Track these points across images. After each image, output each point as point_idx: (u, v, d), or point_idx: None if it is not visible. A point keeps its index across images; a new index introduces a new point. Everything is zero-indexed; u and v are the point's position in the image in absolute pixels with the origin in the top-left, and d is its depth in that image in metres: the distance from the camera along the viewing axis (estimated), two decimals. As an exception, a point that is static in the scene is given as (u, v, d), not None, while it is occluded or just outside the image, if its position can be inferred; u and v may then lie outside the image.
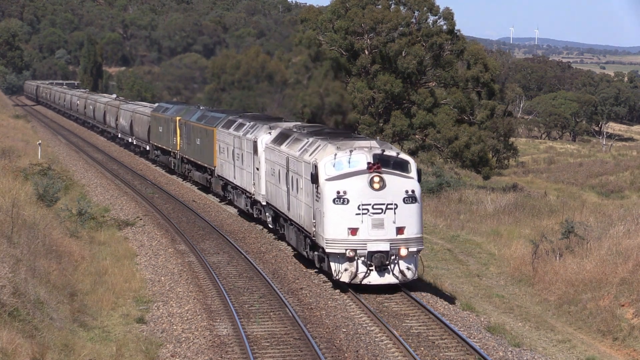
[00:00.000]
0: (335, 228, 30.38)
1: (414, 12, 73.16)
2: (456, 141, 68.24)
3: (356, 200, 30.34)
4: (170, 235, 41.95)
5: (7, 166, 47.44)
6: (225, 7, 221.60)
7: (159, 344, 25.91)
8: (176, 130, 61.29)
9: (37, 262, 28.23)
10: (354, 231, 30.33)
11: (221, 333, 26.94)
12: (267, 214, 40.84)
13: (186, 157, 59.04)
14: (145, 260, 36.68)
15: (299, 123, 42.87)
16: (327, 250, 30.67)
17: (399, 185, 30.62)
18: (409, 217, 30.55)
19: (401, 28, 71.99)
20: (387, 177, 30.51)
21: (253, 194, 42.75)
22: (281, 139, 37.97)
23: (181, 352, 25.32)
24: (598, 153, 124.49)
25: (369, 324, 27.75)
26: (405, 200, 30.50)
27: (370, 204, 30.33)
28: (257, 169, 41.50)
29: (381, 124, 72.80)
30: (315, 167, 31.38)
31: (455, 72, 71.54)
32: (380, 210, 30.33)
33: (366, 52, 73.26)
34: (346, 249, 30.31)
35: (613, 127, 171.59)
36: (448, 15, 71.89)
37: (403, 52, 70.55)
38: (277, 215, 38.80)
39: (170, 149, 63.70)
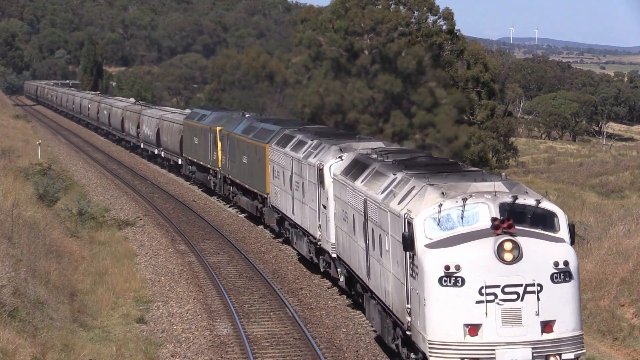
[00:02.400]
0: (443, 324, 19.80)
1: (414, 12, 73.26)
2: (456, 141, 68.30)
3: (476, 279, 19.74)
4: (170, 235, 41.95)
5: (7, 166, 47.45)
6: (225, 7, 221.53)
7: (159, 344, 25.92)
8: (216, 143, 51.27)
9: (37, 262, 28.24)
10: (473, 329, 19.75)
11: (221, 333, 26.95)
12: (338, 269, 30.36)
13: (230, 177, 48.54)
14: (145, 260, 36.69)
15: (380, 144, 31.96)
16: (431, 359, 20.09)
17: (544, 253, 19.94)
18: (562, 305, 19.90)
19: (401, 28, 72.07)
20: (524, 242, 19.82)
21: (318, 240, 32.39)
22: (356, 169, 27.52)
23: (181, 352, 25.32)
24: (598, 153, 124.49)
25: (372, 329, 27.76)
26: (554, 278, 19.91)
27: (498, 286, 19.72)
28: (324, 207, 31.40)
29: (381, 124, 72.87)
30: (409, 224, 20.83)
31: (455, 72, 71.62)
32: (515, 296, 19.75)
33: (366, 52, 73.32)
34: (462, 359, 19.83)
35: (613, 127, 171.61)
36: (448, 15, 71.98)
37: (403, 52, 70.61)
38: (353, 276, 27.99)
39: (208, 166, 53.29)
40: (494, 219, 19.97)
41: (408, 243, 20.63)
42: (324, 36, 74.49)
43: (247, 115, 50.10)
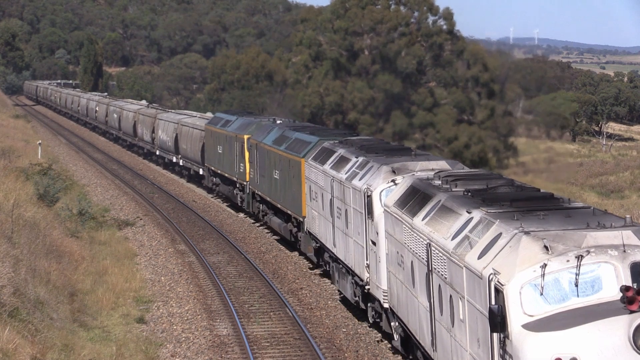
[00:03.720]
0: None
1: (414, 12, 73.33)
2: (456, 141, 68.35)
3: None
4: (170, 235, 41.95)
5: (7, 166, 47.45)
6: (225, 7, 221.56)
7: (159, 344, 25.92)
8: (243, 153, 45.41)
9: (37, 262, 28.24)
10: None
11: (221, 333, 26.96)
12: (391, 323, 24.02)
13: (259, 193, 42.59)
14: (145, 260, 36.70)
15: (443, 163, 25.04)
16: None
17: None
18: None
19: (401, 28, 72.16)
20: None
21: (366, 283, 26.08)
22: (415, 200, 21.35)
23: (181, 352, 25.33)
24: (598, 153, 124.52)
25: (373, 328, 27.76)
26: None
27: None
28: (373, 243, 24.93)
29: (381, 124, 72.89)
30: (498, 292, 15.00)
31: (455, 72, 71.67)
32: None
33: (366, 52, 73.34)
34: None
35: (613, 127, 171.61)
36: (448, 15, 72.05)
37: (403, 52, 70.66)
38: (411, 338, 21.71)
39: (235, 178, 47.43)
40: (626, 288, 13.66)
41: (497, 321, 14.59)
42: (324, 36, 74.57)
43: (278, 122, 44.06)
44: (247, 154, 44.74)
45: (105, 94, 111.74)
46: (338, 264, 29.51)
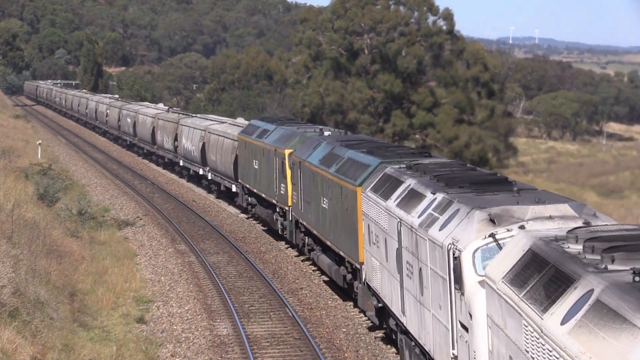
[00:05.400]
0: None
1: (414, 12, 73.35)
2: (456, 141, 68.38)
3: None
4: (170, 235, 41.96)
5: (7, 166, 47.46)
6: (225, 7, 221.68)
7: (159, 344, 25.93)
8: (284, 171, 37.47)
9: (37, 262, 28.25)
10: None
11: (221, 333, 26.96)
12: None
13: (304, 223, 34.62)
14: (145, 260, 36.71)
15: (568, 210, 16.93)
16: None
17: None
18: None
19: (401, 28, 72.19)
20: None
21: None
22: (545, 279, 13.39)
23: (181, 352, 25.33)
24: (598, 153, 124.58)
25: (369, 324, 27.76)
26: None
27: None
28: (464, 327, 17.13)
29: (381, 124, 72.91)
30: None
31: (455, 72, 71.71)
32: None
33: (366, 52, 73.36)
34: None
35: (613, 127, 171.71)
36: (448, 15, 72.06)
37: (402, 52, 70.68)
38: None
39: (274, 201, 39.44)
40: None
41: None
42: (323, 36, 74.58)
43: (326, 134, 36.42)
44: (288, 173, 36.84)
45: (117, 96, 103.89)
46: (408, 337, 21.78)
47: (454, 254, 17.20)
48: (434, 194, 20.27)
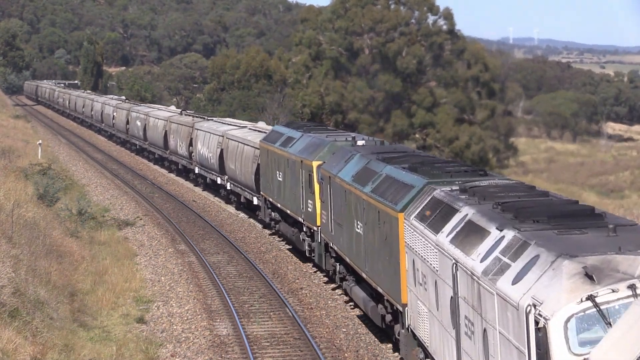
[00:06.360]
0: None
1: (414, 12, 73.39)
2: (456, 141, 68.41)
3: None
4: (170, 235, 41.96)
5: (7, 166, 47.46)
6: (225, 7, 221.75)
7: (159, 344, 25.92)
8: (312, 186, 32.80)
9: (37, 262, 28.24)
10: None
11: (221, 333, 26.96)
12: None
13: (335, 248, 29.93)
14: (145, 260, 36.70)
15: None
16: None
17: None
18: None
19: (401, 28, 72.21)
20: None
21: None
22: None
23: (181, 352, 25.33)
24: (598, 153, 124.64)
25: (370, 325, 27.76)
26: None
27: None
28: None
29: (382, 124, 72.93)
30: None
31: (455, 71, 71.76)
32: None
33: (366, 52, 73.40)
34: None
35: (613, 127, 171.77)
36: (448, 15, 72.11)
37: (403, 52, 70.71)
38: None
39: (300, 219, 34.78)
40: None
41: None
42: (324, 36, 74.61)
43: (359, 143, 31.99)
44: (317, 188, 32.24)
45: (124, 97, 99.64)
46: None
47: (536, 322, 13.01)
48: (501, 230, 16.07)
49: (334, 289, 31.51)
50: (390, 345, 25.48)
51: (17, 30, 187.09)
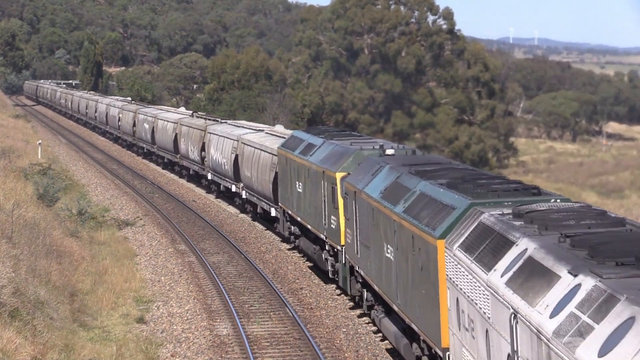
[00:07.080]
0: None
1: (414, 12, 73.40)
2: (456, 141, 68.41)
3: None
4: (170, 235, 41.95)
5: (7, 166, 47.46)
6: (226, 7, 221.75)
7: (159, 344, 25.92)
8: (336, 199, 29.20)
9: (37, 262, 28.24)
10: None
11: (221, 333, 26.96)
12: None
13: (361, 272, 26.53)
14: (145, 260, 36.70)
15: None
16: None
17: None
18: None
19: (401, 28, 72.22)
20: None
21: None
22: None
23: (181, 352, 25.33)
24: (598, 153, 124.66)
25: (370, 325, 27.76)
26: None
27: None
28: None
29: (382, 124, 72.93)
30: None
31: (455, 71, 71.76)
32: None
33: (366, 52, 73.39)
34: None
35: (613, 127, 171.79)
36: (448, 15, 72.11)
37: (402, 52, 70.71)
38: None
39: (322, 235, 31.39)
40: None
41: None
42: (323, 36, 74.60)
43: (388, 152, 28.22)
44: (341, 202, 28.69)
45: (129, 98, 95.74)
46: None
47: None
48: (575, 275, 12.67)
49: (359, 316, 28.41)
50: (391, 346, 25.48)
51: (17, 30, 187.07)
